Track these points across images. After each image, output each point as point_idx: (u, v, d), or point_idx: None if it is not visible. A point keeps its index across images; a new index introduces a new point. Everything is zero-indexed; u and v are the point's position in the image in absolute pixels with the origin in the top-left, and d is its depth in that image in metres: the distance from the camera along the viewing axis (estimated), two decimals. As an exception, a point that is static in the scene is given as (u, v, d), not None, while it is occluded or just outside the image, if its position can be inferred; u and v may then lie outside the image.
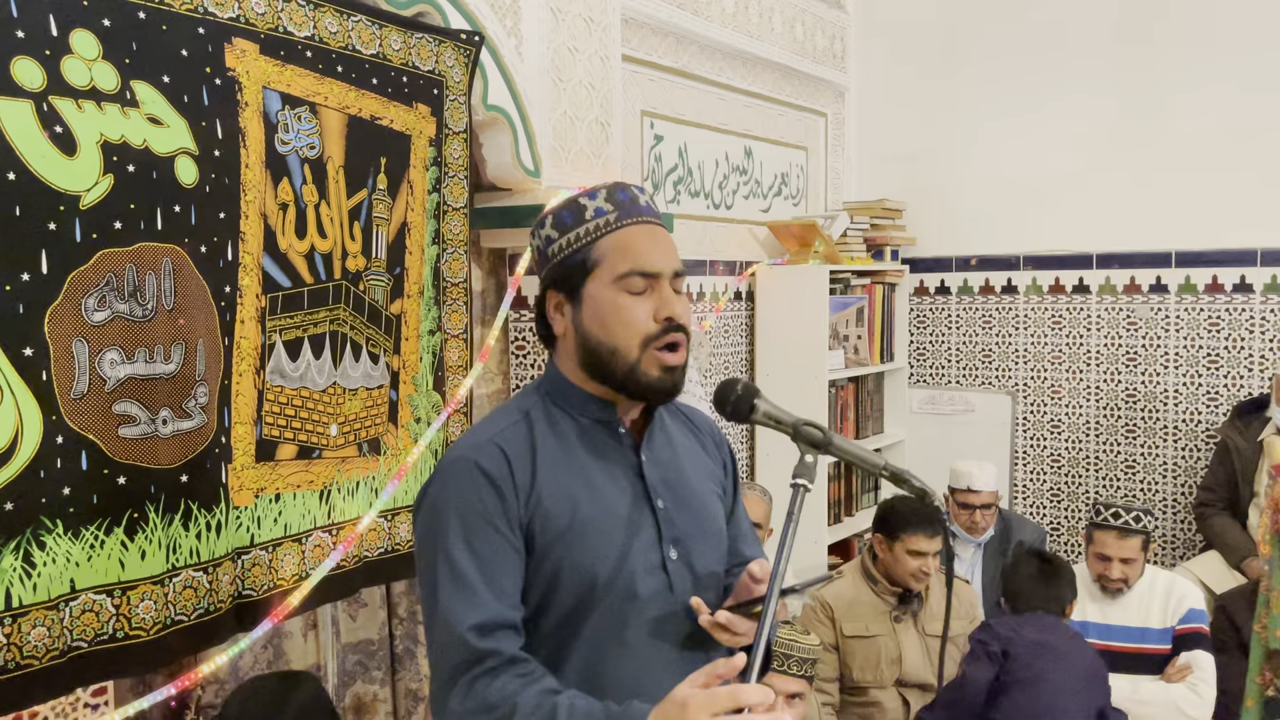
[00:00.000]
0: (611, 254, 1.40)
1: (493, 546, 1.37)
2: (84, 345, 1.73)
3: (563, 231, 1.43)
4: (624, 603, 1.40)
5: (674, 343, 1.41)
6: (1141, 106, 4.05)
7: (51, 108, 1.67)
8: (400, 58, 2.37)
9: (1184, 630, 3.07)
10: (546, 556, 1.39)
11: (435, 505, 1.41)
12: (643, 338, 1.39)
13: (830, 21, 4.40)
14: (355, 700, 2.72)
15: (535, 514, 1.39)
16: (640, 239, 1.41)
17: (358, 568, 2.33)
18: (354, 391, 2.32)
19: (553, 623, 1.41)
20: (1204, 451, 4.03)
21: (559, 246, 1.43)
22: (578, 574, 1.39)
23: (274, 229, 2.10)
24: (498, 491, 1.38)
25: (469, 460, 1.39)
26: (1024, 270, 4.35)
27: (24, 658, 1.67)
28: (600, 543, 1.40)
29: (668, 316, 1.40)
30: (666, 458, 1.50)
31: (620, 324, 1.39)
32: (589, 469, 1.44)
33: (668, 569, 1.44)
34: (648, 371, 1.40)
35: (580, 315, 1.42)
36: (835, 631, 2.96)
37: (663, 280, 1.41)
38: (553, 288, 1.45)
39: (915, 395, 4.56)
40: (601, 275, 1.40)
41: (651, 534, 1.44)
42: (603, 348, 1.41)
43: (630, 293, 1.39)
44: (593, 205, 1.43)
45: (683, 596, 1.44)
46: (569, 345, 1.45)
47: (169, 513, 1.87)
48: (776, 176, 4.17)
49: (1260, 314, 3.94)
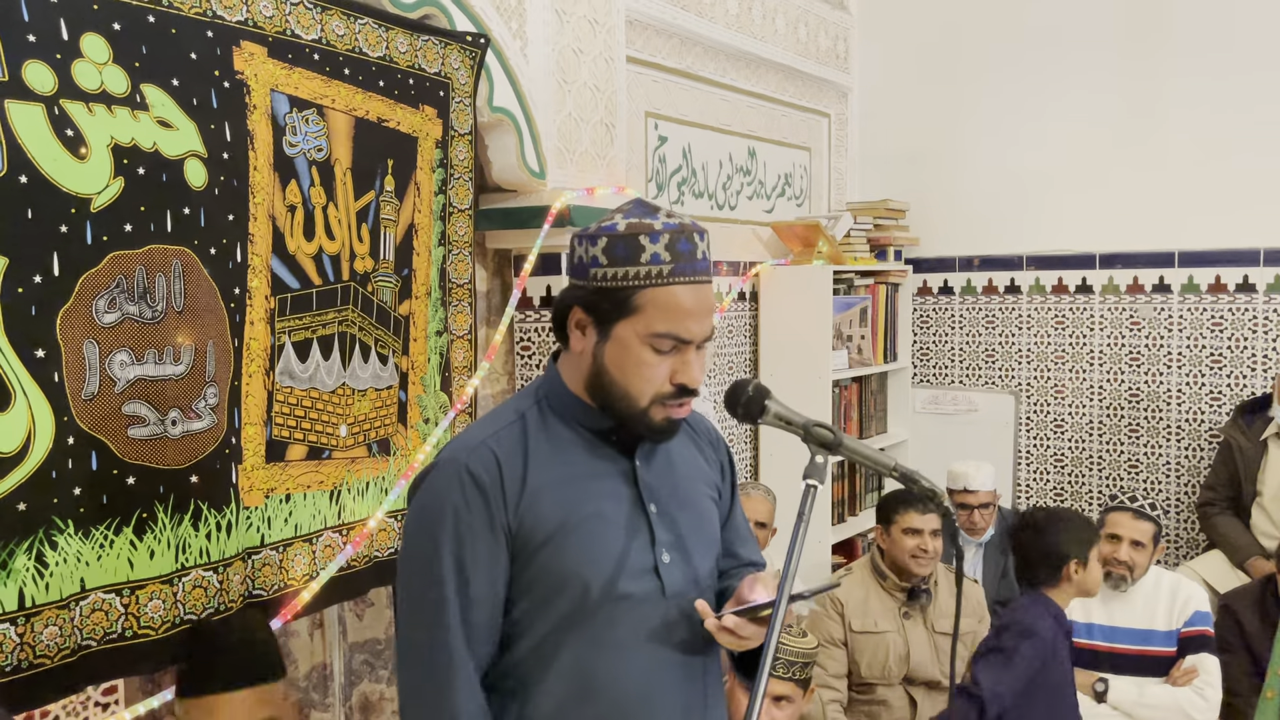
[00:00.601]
0: (652, 308, 1.37)
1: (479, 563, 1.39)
2: (95, 346, 1.74)
3: (613, 263, 1.38)
4: (615, 605, 1.42)
5: (683, 402, 1.42)
6: (1144, 106, 4.06)
7: (63, 111, 1.68)
8: (406, 60, 2.39)
9: (1189, 633, 3.07)
10: (535, 559, 1.41)
11: (426, 509, 1.43)
12: (655, 395, 1.40)
13: (833, 22, 4.41)
14: (361, 699, 2.73)
15: (525, 518, 1.40)
16: (686, 301, 1.38)
17: (367, 568, 2.34)
18: (363, 392, 2.33)
19: (543, 623, 1.42)
20: (1207, 451, 4.04)
21: (605, 274, 1.38)
22: (568, 575, 1.40)
23: (282, 231, 2.11)
24: (485, 499, 1.39)
25: (461, 464, 1.41)
26: (1027, 270, 4.36)
27: (36, 657, 1.68)
28: (591, 545, 1.41)
29: (683, 383, 1.40)
30: (660, 462, 1.51)
31: (640, 378, 1.39)
32: (582, 473, 1.45)
33: (660, 573, 1.45)
34: (652, 419, 1.42)
35: (603, 349, 1.41)
36: (844, 627, 2.98)
37: (690, 345, 1.40)
38: (582, 307, 1.42)
39: (919, 395, 4.57)
40: (636, 324, 1.38)
41: (644, 538, 1.45)
42: (616, 388, 1.41)
43: (657, 351, 1.38)
44: (651, 249, 1.37)
45: (675, 600, 1.45)
46: (582, 364, 1.45)
47: (178, 513, 1.88)
48: (780, 177, 4.18)
49: (1263, 314, 3.95)
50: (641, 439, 1.46)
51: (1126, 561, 3.08)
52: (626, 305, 1.38)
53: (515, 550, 1.40)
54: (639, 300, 1.37)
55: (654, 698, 1.44)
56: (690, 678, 1.49)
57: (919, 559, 2.95)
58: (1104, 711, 3.06)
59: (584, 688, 1.40)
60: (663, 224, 1.39)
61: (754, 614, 1.37)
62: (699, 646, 1.47)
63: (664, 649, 1.45)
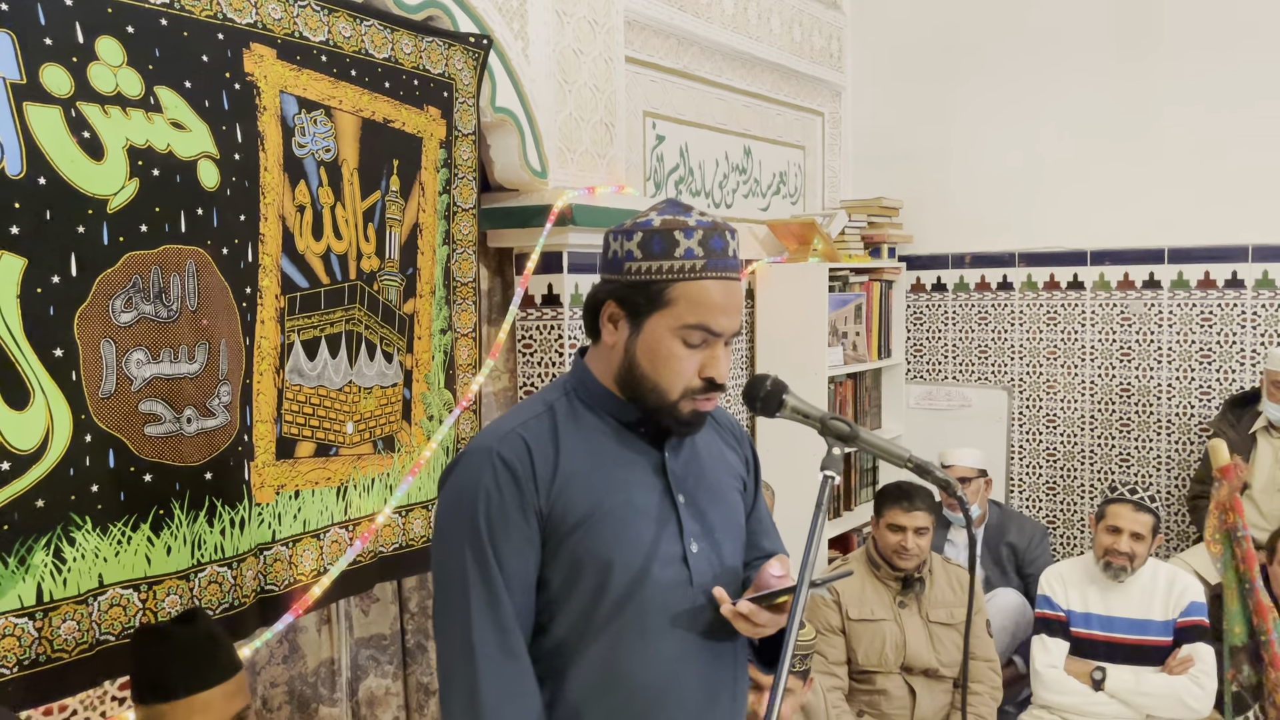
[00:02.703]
0: (684, 302, 1.41)
1: (511, 545, 1.42)
2: (111, 346, 1.76)
3: (648, 257, 1.41)
4: (644, 592, 1.44)
5: (710, 397, 1.46)
6: (1135, 105, 4.11)
7: (79, 113, 1.70)
8: (411, 61, 2.41)
9: (1185, 623, 3.12)
10: (566, 544, 1.43)
11: (458, 493, 1.46)
12: (685, 388, 1.44)
13: (827, 22, 4.45)
14: (368, 694, 2.76)
15: (556, 504, 1.43)
16: (717, 296, 1.41)
17: (373, 563, 2.37)
18: (369, 390, 2.36)
19: (573, 610, 1.45)
20: (1197, 445, 4.09)
21: (639, 269, 1.42)
22: (598, 562, 1.43)
23: (292, 231, 2.13)
24: (517, 482, 1.42)
25: (491, 450, 1.44)
26: (1019, 267, 4.41)
27: (54, 651, 1.71)
28: (621, 533, 1.44)
29: (711, 377, 1.44)
30: (689, 454, 1.54)
31: (670, 371, 1.43)
32: (612, 463, 1.48)
33: (688, 562, 1.48)
34: (681, 412, 1.45)
35: (635, 341, 1.44)
36: (841, 615, 3.03)
37: (720, 339, 1.44)
38: (615, 301, 1.46)
39: (912, 391, 4.61)
40: (668, 318, 1.41)
41: (673, 528, 1.48)
42: (646, 381, 1.45)
43: (687, 344, 1.42)
44: (685, 244, 1.41)
45: (702, 589, 1.48)
46: (613, 357, 1.48)
47: (194, 509, 1.90)
48: (775, 175, 4.22)
49: (1251, 309, 4.00)
50: (669, 432, 1.50)
51: (1127, 553, 3.13)
52: (660, 298, 1.41)
53: (546, 535, 1.43)
54: (672, 294, 1.41)
55: (679, 686, 1.47)
56: (717, 666, 1.52)
57: (900, 555, 3.01)
58: (1101, 699, 3.11)
59: (612, 674, 1.43)
60: (696, 221, 1.43)
61: (769, 601, 1.40)
62: (725, 635, 1.50)
63: (691, 637, 1.48)
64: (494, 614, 1.41)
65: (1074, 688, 3.13)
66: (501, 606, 1.41)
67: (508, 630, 1.41)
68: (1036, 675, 3.19)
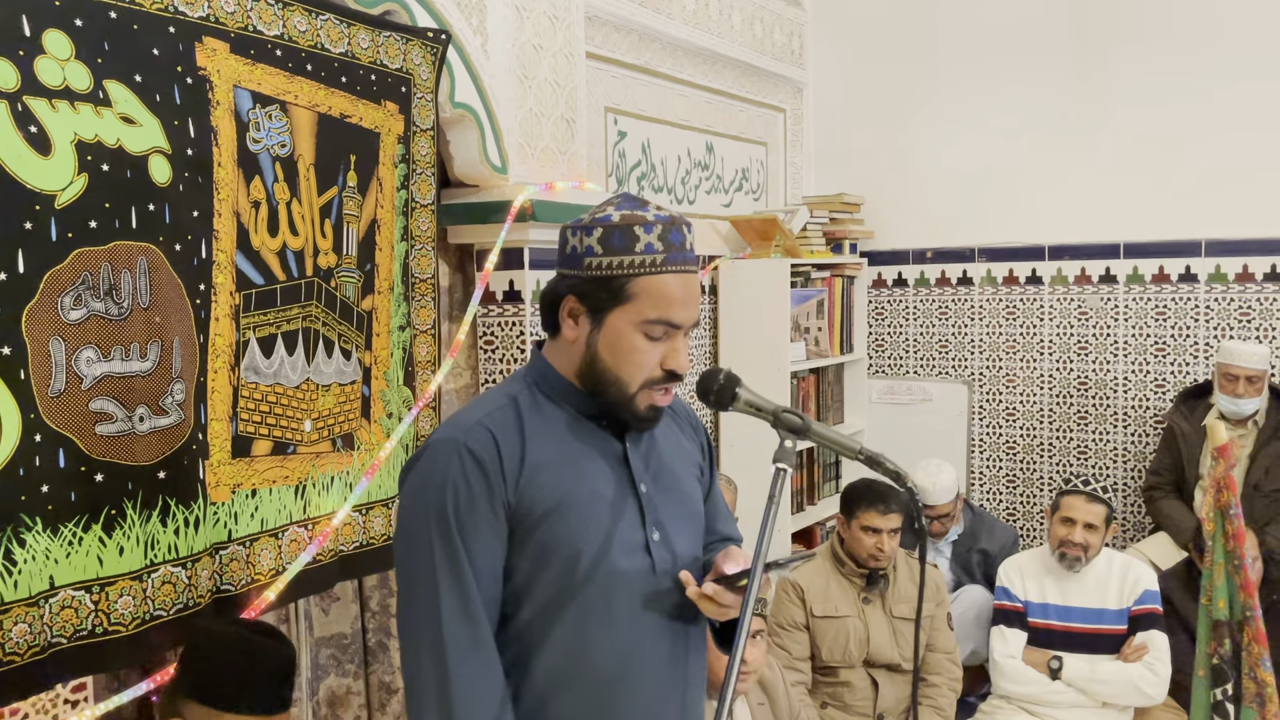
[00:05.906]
0: (645, 296, 1.43)
1: (480, 537, 1.42)
2: (61, 344, 1.73)
3: (608, 253, 1.43)
4: (608, 580, 1.46)
5: (668, 388, 1.48)
6: (1090, 103, 4.17)
7: (26, 107, 1.67)
8: (368, 56, 2.39)
9: (1139, 611, 3.18)
10: (533, 534, 1.44)
11: (424, 486, 1.45)
12: (645, 380, 1.46)
13: (788, 19, 4.47)
14: (329, 694, 2.74)
15: (523, 495, 1.44)
16: (677, 289, 1.44)
17: (333, 562, 2.35)
18: (327, 388, 2.34)
19: (538, 598, 1.46)
20: (1152, 437, 4.16)
21: (599, 264, 1.43)
22: (565, 551, 1.44)
23: (247, 227, 2.11)
24: (485, 474, 1.42)
25: (458, 442, 1.44)
26: (979, 262, 4.45)
27: (6, 655, 1.68)
28: (586, 523, 1.46)
29: (672, 369, 1.46)
30: (649, 445, 1.56)
31: (632, 364, 1.45)
32: (575, 454, 1.49)
33: (650, 550, 1.50)
34: (638, 406, 1.47)
35: (596, 336, 1.46)
36: (806, 612, 3.04)
37: (680, 331, 1.46)
38: (576, 296, 1.47)
39: (874, 385, 4.65)
40: (630, 312, 1.43)
41: (635, 517, 1.50)
42: (608, 374, 1.46)
43: (649, 337, 1.44)
44: (645, 239, 1.43)
45: (664, 575, 1.51)
46: (574, 351, 1.49)
47: (147, 509, 1.88)
48: (737, 172, 4.23)
49: (1204, 303, 4.07)
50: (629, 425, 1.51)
51: (1080, 543, 3.18)
52: (621, 293, 1.43)
53: (513, 526, 1.44)
54: (633, 288, 1.42)
55: (641, 669, 1.49)
56: (675, 653, 1.54)
57: (876, 557, 3.03)
58: (1059, 688, 3.15)
59: (576, 661, 1.45)
60: (655, 215, 1.45)
61: (733, 583, 1.43)
62: (684, 620, 1.53)
63: (653, 622, 1.50)
64: (464, 606, 1.41)
65: (1032, 677, 3.17)
66: (471, 599, 1.41)
67: (478, 622, 1.41)
68: (995, 666, 3.23)
